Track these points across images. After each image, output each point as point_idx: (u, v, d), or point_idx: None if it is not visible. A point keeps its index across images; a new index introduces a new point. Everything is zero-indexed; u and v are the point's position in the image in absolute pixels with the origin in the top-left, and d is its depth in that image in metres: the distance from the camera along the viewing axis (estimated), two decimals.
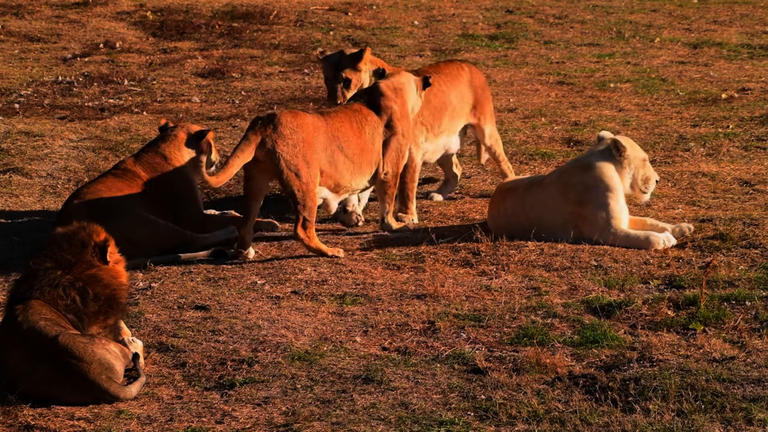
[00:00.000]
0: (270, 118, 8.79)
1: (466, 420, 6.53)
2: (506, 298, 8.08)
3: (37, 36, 15.66)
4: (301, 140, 8.76)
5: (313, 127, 8.86)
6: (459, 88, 10.07)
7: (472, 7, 17.59)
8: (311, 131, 8.84)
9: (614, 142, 8.92)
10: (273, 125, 8.73)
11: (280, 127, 8.72)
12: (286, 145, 8.72)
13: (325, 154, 8.91)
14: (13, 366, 6.85)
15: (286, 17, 16.68)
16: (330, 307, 8.03)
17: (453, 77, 10.09)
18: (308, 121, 8.87)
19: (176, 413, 6.70)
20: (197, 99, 13.06)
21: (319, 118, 8.98)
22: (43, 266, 7.08)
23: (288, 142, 8.72)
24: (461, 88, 10.08)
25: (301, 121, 8.83)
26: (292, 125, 8.76)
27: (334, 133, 8.99)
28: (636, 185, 8.97)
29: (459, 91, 10.06)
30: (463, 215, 9.80)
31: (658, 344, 7.34)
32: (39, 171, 10.73)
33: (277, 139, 8.71)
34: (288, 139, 8.73)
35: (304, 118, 8.88)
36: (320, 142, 8.88)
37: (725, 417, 6.49)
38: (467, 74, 10.16)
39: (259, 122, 8.78)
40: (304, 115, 8.91)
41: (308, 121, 8.88)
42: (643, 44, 15.45)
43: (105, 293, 7.11)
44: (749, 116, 12.10)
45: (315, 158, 8.82)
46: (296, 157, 8.73)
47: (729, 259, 8.55)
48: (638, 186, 8.97)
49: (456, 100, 10.02)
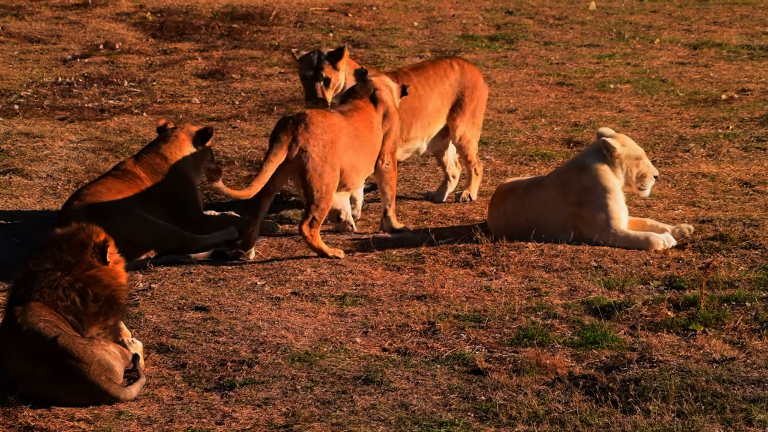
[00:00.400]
0: (301, 117, 8.80)
1: (466, 421, 6.53)
2: (506, 299, 8.08)
3: (37, 37, 15.66)
4: (329, 141, 8.80)
5: (339, 128, 8.91)
6: (440, 89, 9.98)
7: (472, 8, 17.59)
8: (337, 132, 8.88)
9: (604, 143, 8.91)
10: (304, 124, 8.74)
11: (311, 126, 8.75)
12: (316, 145, 8.74)
13: (347, 154, 8.95)
14: (13, 367, 6.85)
15: (285, 18, 16.68)
16: (330, 308, 8.03)
17: (436, 79, 9.99)
18: (335, 122, 8.91)
19: (176, 414, 6.69)
20: (197, 100, 13.06)
21: (342, 118, 9.02)
22: (43, 267, 7.07)
23: (319, 141, 8.75)
24: (443, 88, 10.00)
25: (330, 121, 8.87)
26: (322, 125, 8.80)
27: (355, 132, 9.04)
28: (631, 183, 8.96)
29: (439, 93, 9.99)
30: (463, 216, 9.80)
31: (658, 345, 7.34)
32: (39, 172, 10.73)
33: (309, 138, 8.72)
34: (319, 139, 8.76)
35: (332, 118, 8.92)
36: (343, 143, 8.92)
37: (725, 418, 6.49)
38: (456, 73, 10.07)
39: (290, 122, 8.78)
40: (331, 116, 8.96)
41: (335, 121, 8.92)
42: (643, 45, 15.45)
43: (105, 294, 7.11)
44: (749, 117, 12.10)
45: (338, 160, 8.86)
46: (324, 158, 8.76)
47: (729, 260, 8.55)
48: (633, 184, 8.97)
49: (433, 105, 9.94)
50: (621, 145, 8.93)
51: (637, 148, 9.04)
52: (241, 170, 10.91)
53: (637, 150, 9.02)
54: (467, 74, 10.14)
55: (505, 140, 11.59)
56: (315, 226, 8.77)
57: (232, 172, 10.84)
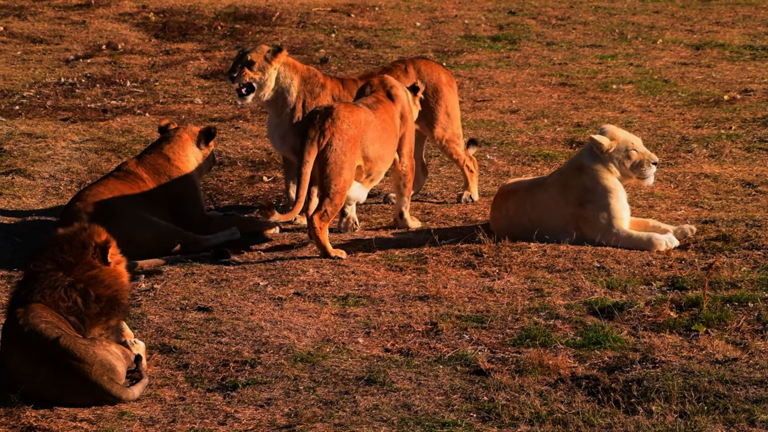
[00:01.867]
0: (328, 111, 8.91)
1: (469, 421, 6.53)
2: (509, 300, 8.08)
3: (39, 37, 15.67)
4: (353, 137, 8.92)
5: (365, 123, 9.02)
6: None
7: (475, 8, 17.59)
8: (363, 127, 9.00)
9: (591, 141, 8.90)
10: (331, 119, 8.86)
11: (338, 121, 8.87)
12: (341, 140, 8.86)
13: (374, 146, 9.07)
14: (15, 368, 6.85)
15: (288, 19, 16.69)
16: (332, 309, 8.03)
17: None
18: (362, 118, 9.02)
19: (179, 414, 6.70)
20: (199, 100, 13.06)
21: (370, 112, 9.12)
22: (44, 268, 7.07)
23: (343, 137, 8.87)
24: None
25: (356, 117, 8.98)
26: (348, 120, 8.92)
27: (381, 125, 9.15)
28: (629, 174, 8.90)
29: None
30: (466, 216, 9.80)
31: (661, 345, 7.34)
32: (41, 172, 10.73)
33: (335, 132, 8.85)
34: (344, 134, 8.88)
35: (358, 113, 9.02)
36: (370, 136, 9.04)
37: (728, 418, 6.48)
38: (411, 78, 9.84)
39: (318, 116, 8.91)
40: (358, 111, 9.04)
41: (362, 117, 9.02)
42: (645, 46, 15.44)
43: (106, 294, 7.11)
44: (752, 117, 12.10)
45: (358, 157, 8.98)
46: (345, 154, 8.86)
47: (731, 260, 8.54)
48: (631, 174, 8.90)
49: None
50: (610, 139, 8.88)
51: (628, 137, 8.94)
52: (244, 171, 10.92)
53: (628, 139, 8.91)
54: (425, 77, 9.94)
55: (507, 141, 11.59)
56: (325, 219, 8.82)
57: (235, 173, 10.85)
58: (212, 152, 9.57)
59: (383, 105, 9.25)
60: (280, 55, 9.61)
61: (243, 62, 9.60)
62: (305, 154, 8.81)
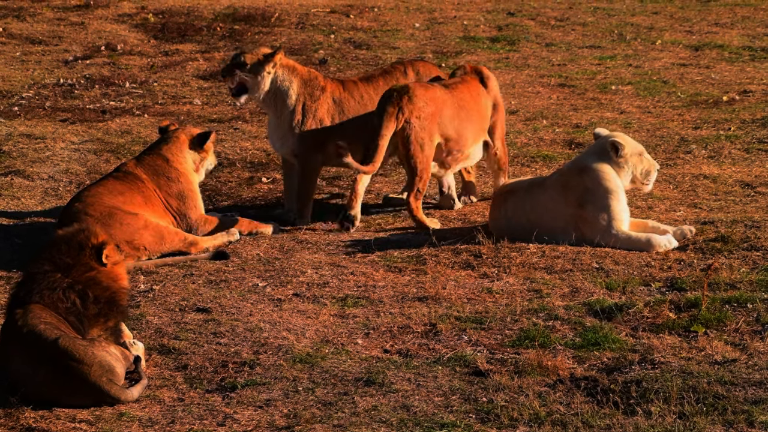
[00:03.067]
0: (405, 89, 9.20)
1: (468, 422, 6.53)
2: (508, 301, 8.08)
3: (38, 38, 15.67)
4: (430, 114, 9.22)
5: (441, 100, 9.32)
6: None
7: (474, 9, 17.59)
8: (440, 104, 9.29)
9: (612, 144, 8.90)
10: (408, 96, 9.14)
11: (414, 98, 9.16)
12: (419, 117, 9.16)
13: (453, 123, 9.37)
14: (14, 369, 6.85)
15: (287, 20, 16.69)
16: (331, 310, 8.03)
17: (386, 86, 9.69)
18: (437, 95, 9.32)
19: (178, 416, 6.70)
20: (198, 101, 13.06)
21: (445, 91, 9.42)
22: (42, 269, 7.07)
23: (421, 113, 9.17)
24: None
25: (431, 94, 9.29)
26: (424, 98, 9.21)
27: (459, 103, 9.45)
28: (637, 180, 8.97)
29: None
30: (465, 217, 9.80)
31: (660, 346, 7.34)
32: (40, 173, 10.73)
33: (413, 110, 9.15)
34: (421, 111, 9.18)
35: (433, 91, 9.33)
36: (447, 114, 9.32)
37: (727, 419, 6.49)
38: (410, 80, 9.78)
39: (395, 93, 9.18)
40: (433, 89, 9.36)
41: (437, 94, 9.32)
42: (644, 46, 15.44)
43: (105, 296, 7.11)
44: (751, 118, 12.10)
45: (437, 132, 9.28)
46: (424, 130, 9.17)
47: (730, 261, 8.55)
48: (639, 180, 8.97)
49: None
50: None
51: (636, 144, 9.04)
52: (243, 171, 10.92)
53: (637, 146, 9.02)
54: (423, 78, 9.86)
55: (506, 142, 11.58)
56: (418, 197, 9.23)
57: (234, 174, 10.84)
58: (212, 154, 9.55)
59: (463, 85, 9.59)
60: (275, 58, 9.61)
61: (235, 62, 9.65)
62: (383, 128, 9.12)
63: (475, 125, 9.61)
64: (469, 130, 9.54)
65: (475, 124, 9.61)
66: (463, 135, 9.50)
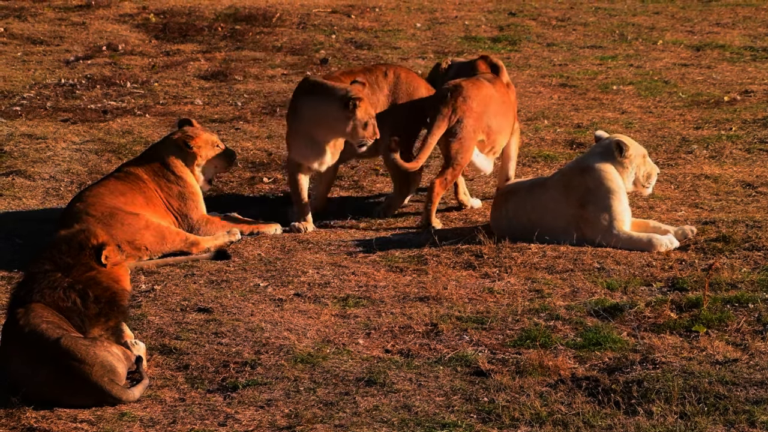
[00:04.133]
0: (458, 90, 9.42)
1: (469, 422, 6.53)
2: (509, 301, 8.08)
3: (39, 38, 15.67)
4: (480, 113, 9.46)
5: (489, 98, 9.57)
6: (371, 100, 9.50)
7: (475, 9, 17.59)
8: (489, 101, 9.54)
9: (617, 144, 8.90)
10: (462, 97, 9.41)
11: (468, 99, 9.42)
12: (471, 116, 9.39)
13: (496, 119, 9.59)
14: (15, 369, 6.85)
15: (288, 20, 16.69)
16: (333, 310, 8.03)
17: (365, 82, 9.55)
18: (487, 93, 9.57)
19: (179, 416, 6.70)
20: (200, 101, 13.06)
21: (492, 88, 9.66)
22: (42, 269, 7.07)
23: (473, 114, 9.41)
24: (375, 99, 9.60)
25: (483, 92, 9.54)
26: (477, 98, 9.45)
27: (501, 98, 9.68)
28: (639, 182, 8.99)
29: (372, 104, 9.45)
30: (466, 217, 9.80)
31: (661, 346, 7.34)
32: (42, 173, 10.73)
33: (466, 110, 9.39)
34: (473, 112, 9.42)
35: (484, 89, 9.57)
36: (492, 110, 9.56)
37: (728, 419, 6.48)
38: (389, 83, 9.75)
39: (449, 94, 9.39)
40: (483, 86, 9.60)
41: (487, 92, 9.57)
42: (645, 46, 15.44)
43: (105, 296, 7.11)
44: (752, 118, 12.10)
45: (480, 130, 9.48)
46: (474, 129, 9.43)
47: (732, 261, 8.55)
48: (641, 183, 8.99)
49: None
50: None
51: (639, 146, 9.06)
52: (244, 171, 10.91)
53: (641, 148, 9.04)
54: (403, 85, 9.78)
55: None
56: (445, 186, 9.44)
57: (235, 174, 10.84)
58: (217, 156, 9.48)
59: (497, 81, 9.79)
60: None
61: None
62: (435, 127, 9.32)
63: (510, 120, 9.86)
64: (506, 125, 9.78)
65: (511, 119, 9.87)
66: (502, 130, 9.73)
